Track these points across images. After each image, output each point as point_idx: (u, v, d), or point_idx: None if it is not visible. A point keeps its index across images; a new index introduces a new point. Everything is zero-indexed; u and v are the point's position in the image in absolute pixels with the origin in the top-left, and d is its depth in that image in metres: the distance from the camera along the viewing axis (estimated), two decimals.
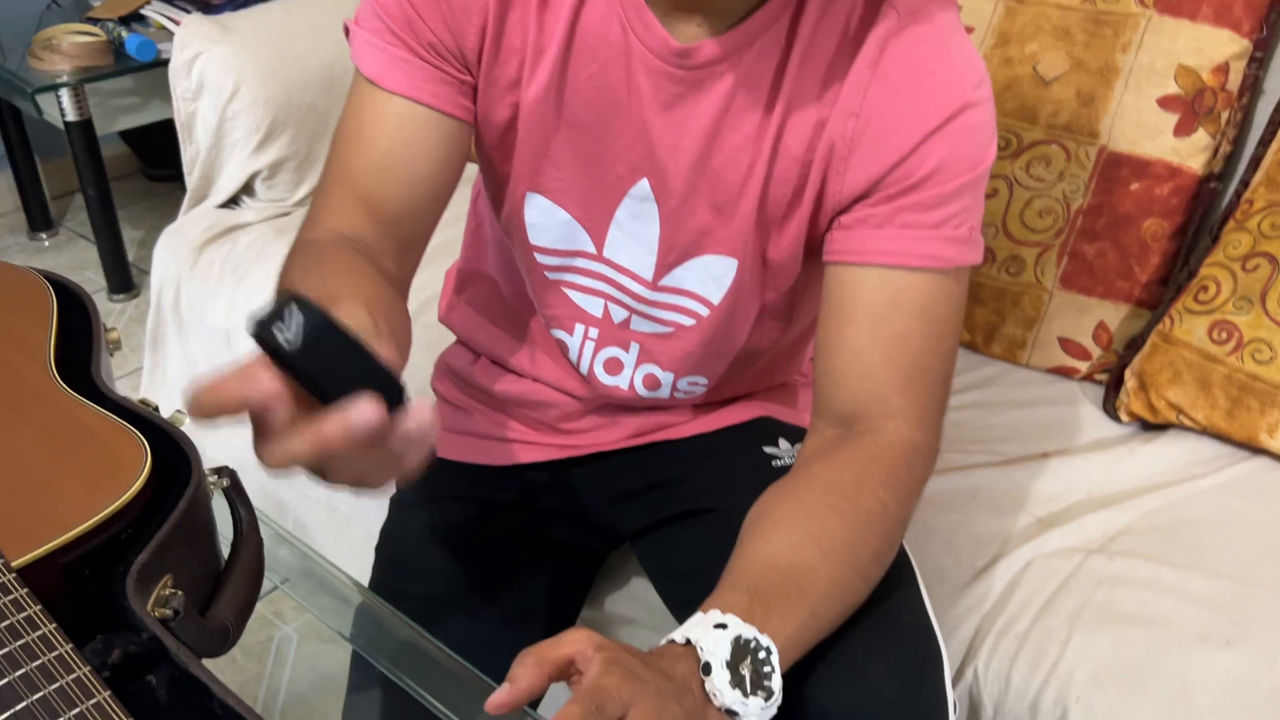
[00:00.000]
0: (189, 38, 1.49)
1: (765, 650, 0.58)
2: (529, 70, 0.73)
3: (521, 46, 0.73)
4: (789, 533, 0.66)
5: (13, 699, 0.55)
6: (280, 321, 0.46)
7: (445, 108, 0.74)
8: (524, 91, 0.74)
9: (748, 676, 0.57)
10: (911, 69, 0.70)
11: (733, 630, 0.58)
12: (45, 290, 0.93)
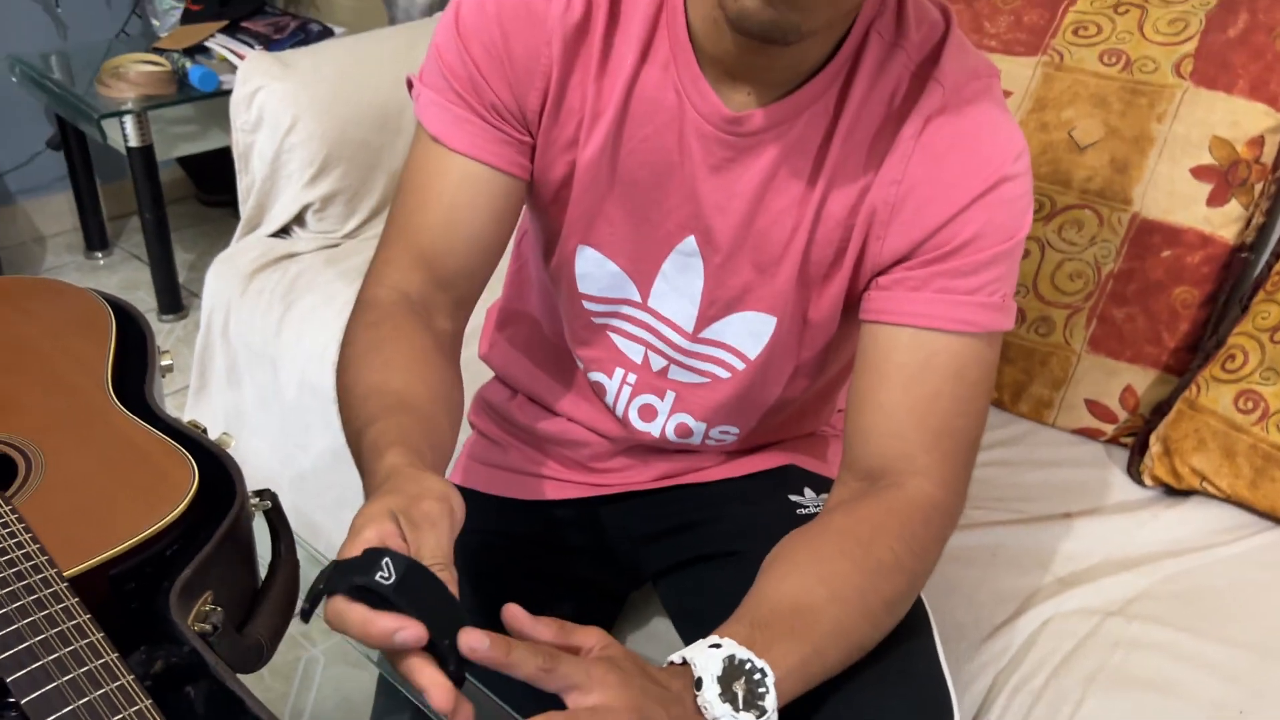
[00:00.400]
0: (251, 72, 1.55)
1: (760, 672, 0.60)
2: (586, 131, 0.77)
3: (580, 109, 0.76)
4: (800, 575, 0.68)
5: (60, 703, 0.58)
6: (376, 569, 0.52)
7: (505, 167, 0.77)
8: (581, 151, 0.77)
9: (740, 694, 0.59)
10: (954, 141, 0.73)
11: (726, 650, 0.60)
12: (105, 312, 0.98)
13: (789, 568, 0.69)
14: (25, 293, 1.01)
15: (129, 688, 0.59)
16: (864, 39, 0.73)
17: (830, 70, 0.72)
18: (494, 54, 0.75)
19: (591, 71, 0.75)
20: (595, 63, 0.75)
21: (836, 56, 0.72)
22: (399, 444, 0.65)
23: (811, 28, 0.65)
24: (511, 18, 0.74)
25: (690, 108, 0.74)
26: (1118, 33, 1.21)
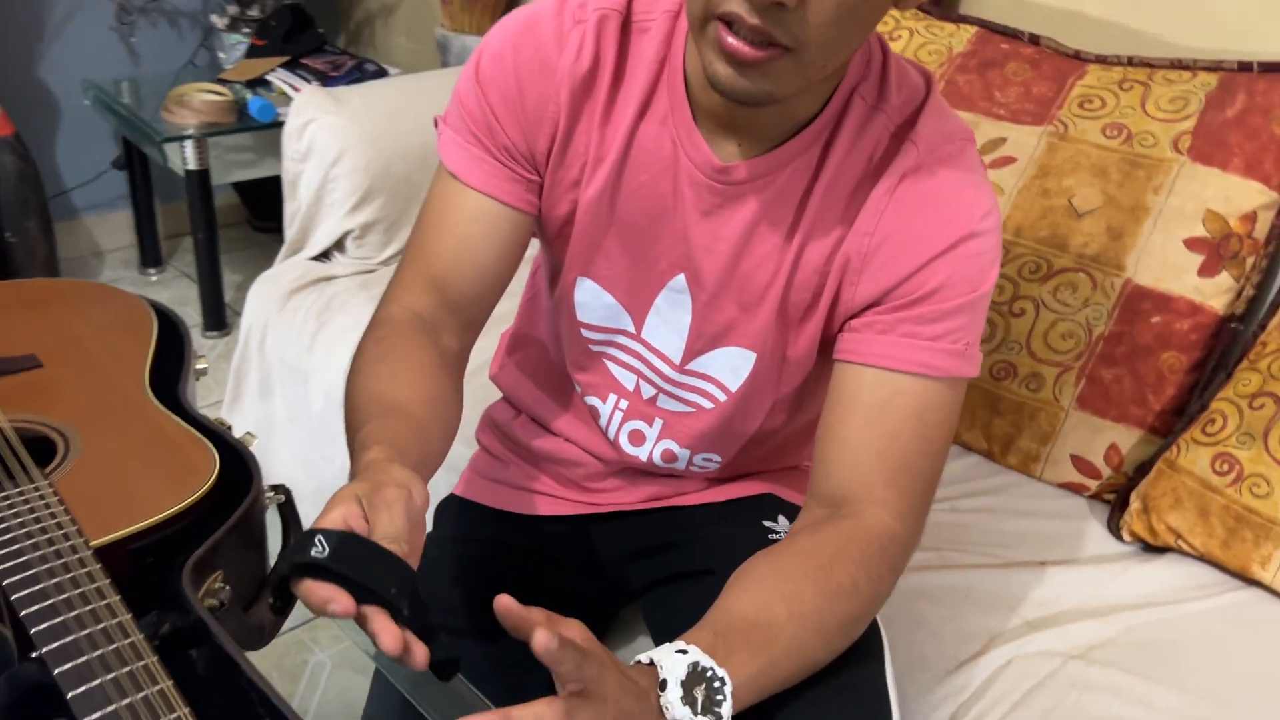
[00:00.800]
0: (304, 105, 1.64)
1: (720, 680, 0.65)
2: (589, 173, 0.84)
3: (584, 153, 0.83)
4: (762, 591, 0.73)
5: (76, 653, 0.64)
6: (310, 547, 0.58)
7: (514, 203, 0.85)
8: (583, 191, 0.84)
9: (700, 699, 0.64)
10: (925, 198, 0.78)
11: (692, 656, 0.65)
12: (150, 317, 1.06)
13: (753, 584, 0.74)
14: (80, 295, 1.10)
15: (139, 645, 0.66)
16: (848, 101, 0.79)
17: (814, 128, 0.79)
18: (508, 100, 0.82)
19: (596, 119, 0.82)
20: (600, 111, 0.82)
21: (821, 115, 0.79)
22: (384, 443, 0.71)
23: (784, 94, 0.71)
24: (526, 68, 0.81)
25: (684, 157, 0.81)
26: (1121, 107, 1.26)
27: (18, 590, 0.69)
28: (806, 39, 0.67)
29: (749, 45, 0.67)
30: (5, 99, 2.29)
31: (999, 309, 1.25)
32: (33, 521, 0.75)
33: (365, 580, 0.58)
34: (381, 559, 0.59)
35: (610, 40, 0.81)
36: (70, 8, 2.44)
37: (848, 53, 0.73)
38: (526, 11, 0.83)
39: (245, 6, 2.43)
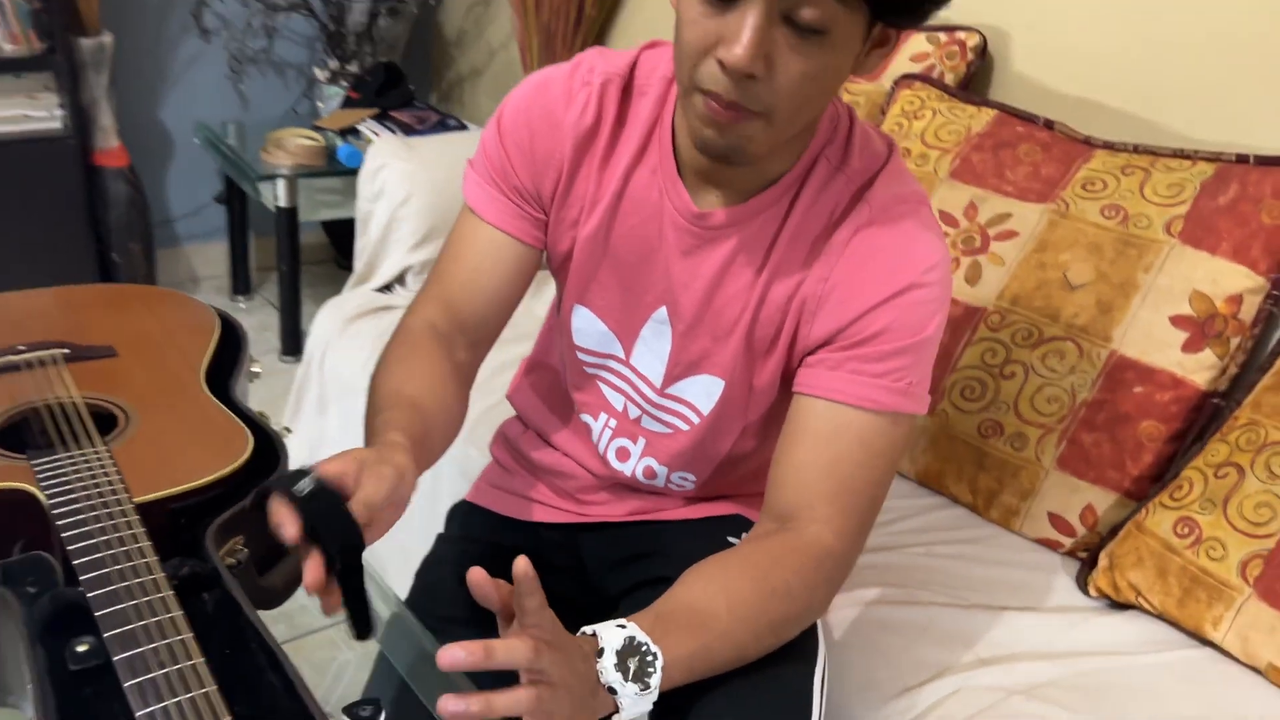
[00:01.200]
0: (379, 152, 1.81)
1: (653, 655, 0.74)
2: (586, 214, 0.96)
3: (583, 196, 0.96)
4: (706, 586, 0.82)
5: (107, 582, 0.77)
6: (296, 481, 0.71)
7: (522, 236, 0.97)
8: (581, 229, 0.96)
9: (632, 668, 0.73)
10: (874, 250, 0.88)
11: (629, 631, 0.75)
12: (214, 322, 1.21)
13: (699, 579, 0.84)
14: (157, 299, 1.26)
15: (159, 581, 0.78)
16: (814, 161, 0.90)
17: (783, 184, 0.90)
18: (521, 149, 0.95)
19: (595, 167, 0.94)
20: (599, 160, 0.94)
21: (790, 173, 0.90)
22: (400, 429, 0.83)
23: (757, 152, 0.82)
24: (538, 122, 0.94)
25: (669, 204, 0.92)
26: (1121, 190, 1.34)
27: (68, 530, 0.82)
28: (775, 104, 0.78)
29: (727, 110, 0.78)
30: (126, 134, 2.53)
31: (990, 371, 1.33)
32: (89, 477, 0.89)
33: (319, 527, 0.69)
34: (342, 519, 0.70)
35: (612, 101, 0.93)
36: (190, 56, 2.68)
37: (811, 115, 0.84)
38: (544, 74, 0.96)
39: (345, 62, 2.64)
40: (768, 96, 0.77)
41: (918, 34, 1.68)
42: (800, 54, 0.75)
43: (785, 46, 0.75)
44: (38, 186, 2.30)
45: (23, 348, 1.08)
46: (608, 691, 0.73)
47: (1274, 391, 1.17)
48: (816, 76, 0.78)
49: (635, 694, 0.73)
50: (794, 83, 0.77)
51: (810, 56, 0.76)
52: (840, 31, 0.75)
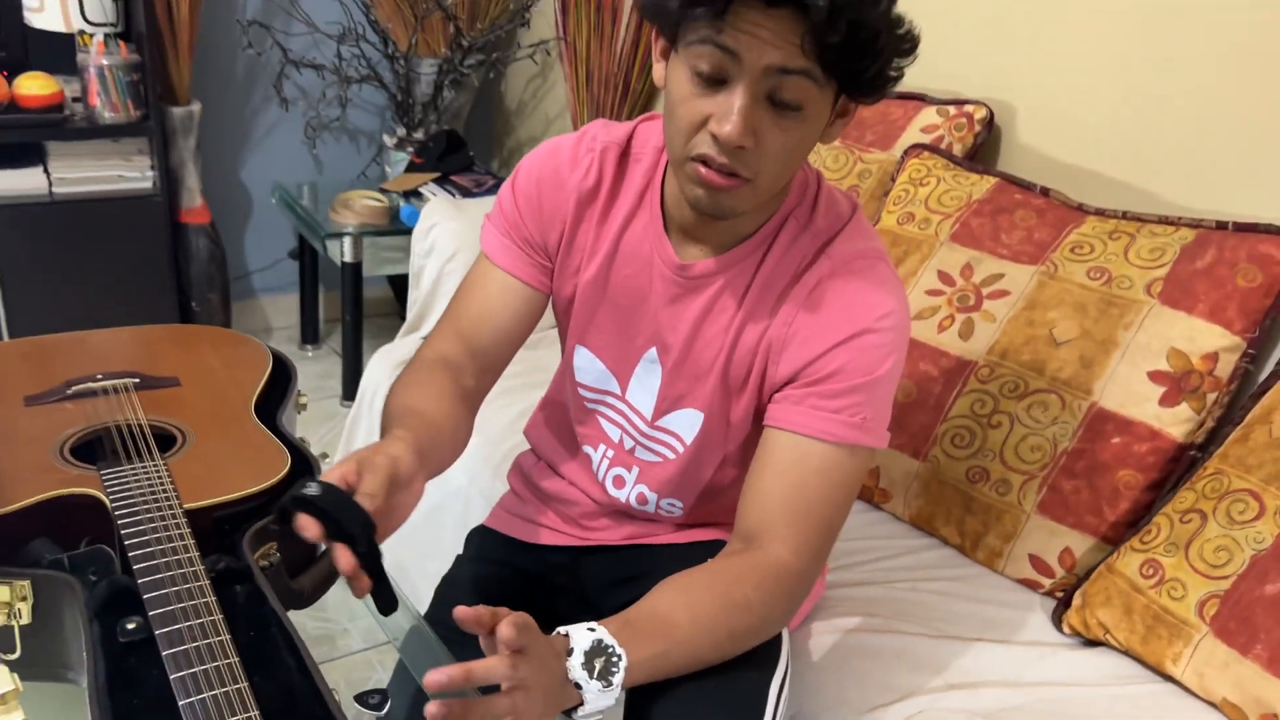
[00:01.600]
0: (432, 212, 1.97)
1: (618, 656, 0.84)
2: (586, 263, 1.08)
3: (584, 247, 1.08)
4: (671, 596, 0.93)
5: (155, 571, 0.90)
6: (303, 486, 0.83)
7: (528, 280, 1.10)
8: (581, 277, 1.09)
9: (597, 667, 0.84)
10: (832, 299, 0.99)
11: (598, 634, 0.85)
12: (267, 358, 1.35)
13: (666, 591, 0.94)
14: (219, 338, 1.41)
15: (199, 572, 0.92)
16: (784, 221, 1.02)
17: (756, 240, 1.01)
18: (531, 205, 1.08)
19: (594, 222, 1.07)
20: (598, 217, 1.06)
21: (762, 230, 1.01)
22: (404, 430, 0.94)
23: (743, 211, 0.95)
24: (546, 182, 1.07)
25: (657, 256, 1.04)
26: (1107, 254, 1.43)
27: (126, 528, 0.96)
28: (760, 170, 0.90)
29: (720, 176, 0.91)
30: (209, 194, 2.75)
31: (979, 420, 1.41)
32: (147, 486, 1.03)
33: (336, 515, 0.81)
34: (351, 507, 0.82)
35: (610, 165, 1.06)
36: (270, 123, 2.91)
37: (788, 178, 0.96)
38: (555, 141, 1.10)
39: (412, 129, 2.84)
40: (755, 164, 0.90)
41: (928, 107, 1.79)
42: (781, 128, 0.88)
43: (768, 121, 0.87)
44: (129, 240, 2.52)
45: (100, 376, 1.24)
46: (574, 687, 0.83)
47: (1240, 444, 1.24)
48: (795, 146, 0.90)
49: (599, 690, 0.83)
50: (777, 152, 0.90)
51: (789, 130, 0.88)
52: (813, 107, 0.88)
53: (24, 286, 2.43)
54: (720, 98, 0.88)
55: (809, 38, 0.82)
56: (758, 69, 0.85)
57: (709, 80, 0.88)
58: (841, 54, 0.84)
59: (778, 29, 0.83)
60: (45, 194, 2.41)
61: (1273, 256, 1.32)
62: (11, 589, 0.90)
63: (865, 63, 0.85)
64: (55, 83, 2.37)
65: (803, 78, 0.85)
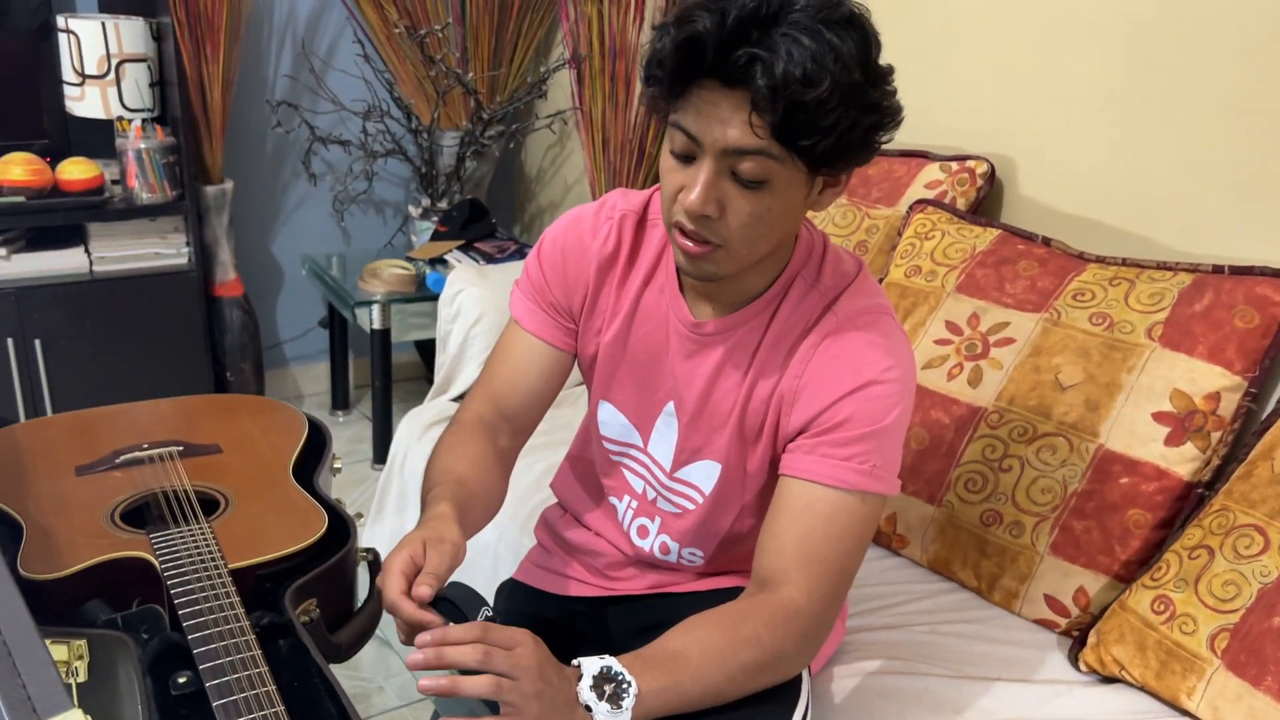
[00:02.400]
0: (457, 278, 2.04)
1: (628, 683, 0.89)
2: (607, 324, 1.15)
3: (605, 309, 1.15)
4: (684, 634, 0.97)
5: (204, 627, 0.95)
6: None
7: (555, 342, 1.16)
8: (603, 337, 1.15)
9: (606, 692, 0.89)
10: (839, 353, 1.04)
11: (606, 662, 0.90)
12: (303, 424, 1.42)
13: (680, 630, 0.98)
14: (257, 406, 1.48)
15: (245, 628, 0.97)
16: (792, 281, 1.07)
17: (764, 299, 1.07)
18: (556, 271, 1.14)
19: (614, 285, 1.13)
20: (618, 280, 1.13)
21: (770, 290, 1.07)
22: (449, 501, 1.01)
23: (724, 274, 1.00)
24: (570, 250, 1.14)
25: (673, 315, 1.10)
26: (1108, 300, 1.48)
27: (176, 587, 1.01)
28: (729, 238, 0.96)
29: (693, 243, 0.97)
30: (242, 267, 2.85)
31: (990, 465, 1.45)
32: (194, 548, 1.09)
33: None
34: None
35: (629, 232, 1.13)
36: (299, 198, 3.02)
37: (768, 245, 1.01)
38: (577, 211, 1.17)
39: (435, 199, 2.93)
40: (723, 231, 0.96)
41: (931, 164, 1.85)
42: (746, 200, 0.94)
43: (734, 193, 0.94)
44: (165, 314, 2.61)
45: (146, 445, 1.31)
46: (584, 709, 0.88)
47: (1244, 480, 1.27)
48: (763, 216, 0.96)
49: (607, 712, 0.88)
50: (743, 221, 0.95)
51: (755, 201, 0.94)
52: (780, 182, 0.93)
53: (67, 361, 2.52)
54: (691, 170, 0.95)
55: (754, 116, 0.89)
56: (716, 149, 0.92)
57: (681, 157, 0.95)
58: (787, 132, 0.89)
59: (732, 109, 0.89)
60: (86, 273, 2.51)
61: (1269, 298, 1.37)
62: (69, 648, 0.96)
63: (813, 140, 0.89)
64: (95, 166, 2.48)
65: (761, 156, 0.91)
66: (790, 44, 0.86)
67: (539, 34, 3.01)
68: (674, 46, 0.90)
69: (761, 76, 0.86)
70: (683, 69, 0.91)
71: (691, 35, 0.88)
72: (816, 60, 0.86)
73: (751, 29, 0.87)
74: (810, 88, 0.86)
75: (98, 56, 2.41)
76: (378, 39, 2.88)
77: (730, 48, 0.87)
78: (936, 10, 1.92)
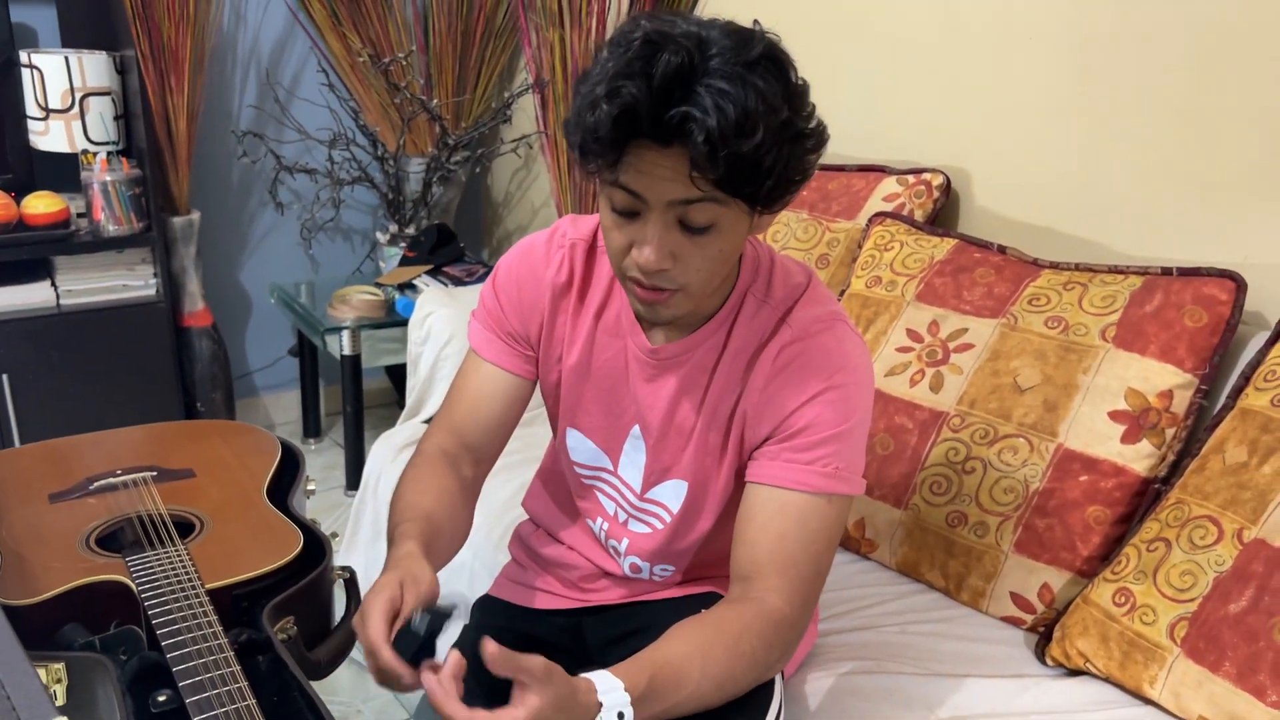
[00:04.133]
0: (426, 301, 2.06)
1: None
2: (567, 351, 1.17)
3: (563, 336, 1.17)
4: (688, 646, 0.97)
5: (183, 646, 0.97)
6: None
7: (515, 370, 1.18)
8: (564, 364, 1.17)
9: None
10: (796, 362, 1.06)
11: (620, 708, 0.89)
12: (276, 447, 1.43)
13: (684, 636, 0.98)
14: (230, 430, 1.49)
15: (224, 645, 0.98)
16: (743, 298, 1.10)
17: (718, 319, 1.09)
18: (512, 300, 1.17)
19: (570, 313, 1.15)
20: (572, 308, 1.15)
21: (722, 310, 1.09)
22: (415, 538, 1.02)
23: (682, 314, 1.03)
24: (524, 279, 1.16)
25: (630, 341, 1.13)
26: (1062, 304, 1.52)
27: (154, 607, 1.03)
28: (688, 282, 0.99)
29: (651, 292, 0.99)
30: (210, 297, 2.85)
31: (954, 467, 1.48)
32: (170, 570, 1.10)
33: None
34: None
35: (580, 259, 1.15)
36: (267, 227, 3.02)
37: (721, 278, 1.03)
38: (530, 240, 1.19)
39: (403, 225, 2.95)
40: (681, 278, 0.98)
41: (888, 178, 1.90)
42: (697, 244, 0.96)
43: (685, 242, 0.96)
44: (134, 346, 2.61)
45: (120, 471, 1.32)
46: None
47: (1198, 473, 1.31)
48: (716, 256, 0.98)
49: None
50: (698, 264, 0.98)
51: (707, 245, 0.96)
52: (727, 220, 0.95)
53: (35, 395, 2.51)
54: (637, 226, 0.96)
55: (694, 173, 0.89)
56: (661, 203, 0.93)
57: (625, 213, 0.96)
58: (730, 181, 0.90)
59: (674, 166, 0.90)
60: (53, 306, 2.50)
61: (1216, 297, 1.41)
62: (47, 672, 0.97)
63: (756, 184, 0.91)
64: (61, 200, 2.48)
65: (707, 203, 0.93)
66: (717, 96, 0.86)
67: (502, 59, 3.05)
68: (609, 120, 0.88)
69: (698, 134, 0.86)
70: (618, 138, 0.90)
71: (624, 106, 0.88)
72: (746, 109, 0.86)
73: (677, 87, 0.87)
74: (746, 138, 0.87)
75: (61, 90, 2.42)
76: (342, 68, 2.90)
77: (662, 109, 0.87)
78: (889, 29, 1.97)
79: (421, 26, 2.92)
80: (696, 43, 0.88)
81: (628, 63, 0.88)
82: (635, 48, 0.88)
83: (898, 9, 1.95)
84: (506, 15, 2.96)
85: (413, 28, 2.92)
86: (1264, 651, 1.13)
